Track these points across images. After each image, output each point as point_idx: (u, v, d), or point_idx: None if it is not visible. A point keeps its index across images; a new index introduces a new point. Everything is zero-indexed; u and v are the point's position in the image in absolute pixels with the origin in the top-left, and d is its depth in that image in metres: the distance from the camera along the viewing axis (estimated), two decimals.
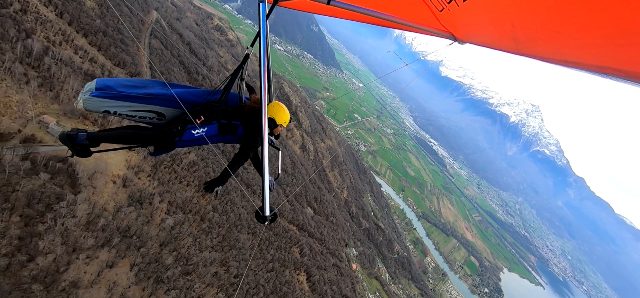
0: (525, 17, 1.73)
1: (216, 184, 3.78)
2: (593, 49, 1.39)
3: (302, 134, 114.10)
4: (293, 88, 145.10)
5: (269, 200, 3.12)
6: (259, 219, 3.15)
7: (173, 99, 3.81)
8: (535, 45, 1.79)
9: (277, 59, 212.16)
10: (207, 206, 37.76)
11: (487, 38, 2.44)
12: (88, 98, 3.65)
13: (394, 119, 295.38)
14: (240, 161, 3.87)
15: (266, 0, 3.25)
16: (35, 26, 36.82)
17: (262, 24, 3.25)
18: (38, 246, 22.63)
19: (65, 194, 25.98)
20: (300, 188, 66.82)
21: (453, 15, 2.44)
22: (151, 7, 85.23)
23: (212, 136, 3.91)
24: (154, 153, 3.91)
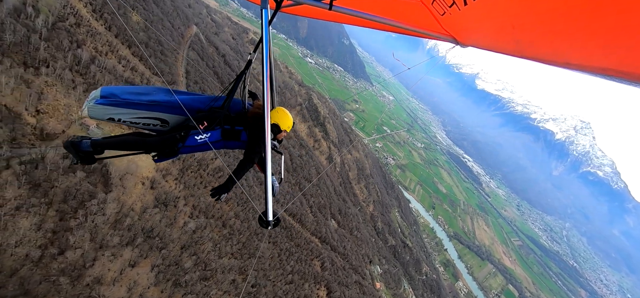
0: (527, 20, 1.71)
1: (222, 192, 3.72)
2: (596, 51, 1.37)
3: (329, 145, 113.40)
4: (322, 100, 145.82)
5: (271, 205, 3.14)
6: (262, 224, 3.21)
7: (176, 106, 3.84)
8: (537, 47, 1.76)
9: (307, 71, 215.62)
10: (229, 212, 37.93)
11: (489, 41, 2.42)
12: (93, 106, 3.70)
13: (425, 133, 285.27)
14: (245, 168, 3.82)
15: (268, 7, 3.23)
16: (86, 38, 40.28)
17: (265, 30, 3.25)
18: (68, 241, 23.72)
19: (97, 192, 27.26)
20: (298, 197, 65.56)
21: (454, 18, 2.42)
22: (191, 22, 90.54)
23: (216, 142, 3.92)
24: (158, 159, 3.91)
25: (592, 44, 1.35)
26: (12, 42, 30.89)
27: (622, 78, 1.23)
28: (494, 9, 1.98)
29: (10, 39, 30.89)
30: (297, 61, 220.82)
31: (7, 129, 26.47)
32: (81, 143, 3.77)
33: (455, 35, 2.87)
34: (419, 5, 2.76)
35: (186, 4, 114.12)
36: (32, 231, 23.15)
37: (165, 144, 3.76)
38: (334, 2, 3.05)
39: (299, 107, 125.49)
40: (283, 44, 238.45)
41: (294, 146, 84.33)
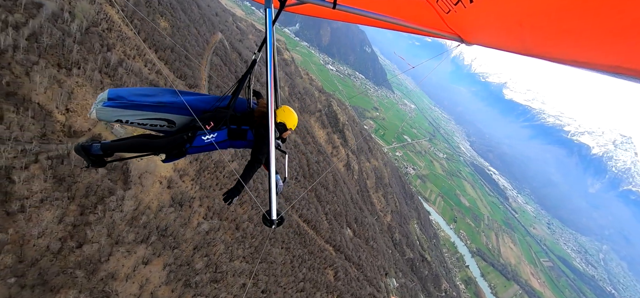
0: (534, 17, 1.71)
1: (233, 195, 3.73)
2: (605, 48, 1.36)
3: (347, 153, 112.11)
4: (341, 106, 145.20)
5: (275, 204, 3.11)
6: (266, 223, 3.20)
7: (183, 107, 3.86)
8: (544, 45, 1.76)
9: (328, 78, 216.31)
10: (243, 215, 37.88)
11: (495, 39, 2.41)
12: (101, 108, 3.72)
13: (447, 143, 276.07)
14: (253, 168, 3.85)
15: (272, 6, 3.19)
16: (115, 42, 42.32)
17: (268, 29, 3.24)
18: (87, 235, 24.39)
19: (117, 189, 28.02)
20: (304, 194, 64.37)
21: (460, 16, 2.42)
22: (217, 29, 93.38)
23: (222, 142, 3.96)
24: (166, 160, 3.98)
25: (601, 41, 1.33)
26: (48, 44, 32.87)
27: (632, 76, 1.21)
28: (500, 7, 1.95)
29: (47, 41, 32.89)
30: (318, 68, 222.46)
31: (39, 126, 27.95)
32: (91, 146, 3.86)
33: (460, 34, 2.82)
34: (424, 4, 2.74)
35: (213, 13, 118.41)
36: (54, 223, 24.02)
37: (173, 145, 3.81)
38: (338, 1, 3.00)
39: (319, 113, 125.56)
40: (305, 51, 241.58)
41: (311, 152, 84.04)
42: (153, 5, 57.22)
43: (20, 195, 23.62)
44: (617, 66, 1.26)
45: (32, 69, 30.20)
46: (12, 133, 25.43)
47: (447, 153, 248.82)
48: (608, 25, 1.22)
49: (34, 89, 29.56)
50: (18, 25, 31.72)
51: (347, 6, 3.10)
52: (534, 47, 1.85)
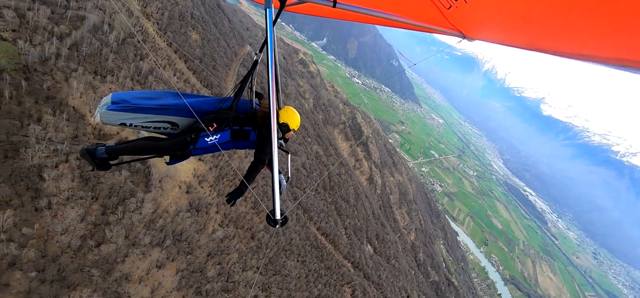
0: (536, 11, 1.69)
1: (237, 196, 3.73)
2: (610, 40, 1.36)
3: (370, 166, 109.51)
4: (366, 119, 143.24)
5: (279, 203, 3.16)
6: (270, 222, 3.22)
7: (186, 109, 3.88)
8: (547, 39, 1.74)
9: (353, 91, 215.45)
10: (259, 224, 37.32)
11: (497, 34, 2.41)
12: (105, 112, 3.73)
13: (478, 160, 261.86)
14: (257, 169, 3.86)
15: (272, 6, 3.20)
16: (149, 52, 44.65)
17: (269, 30, 3.26)
18: (105, 235, 24.92)
19: (137, 191, 28.64)
20: (315, 185, 62.12)
21: (461, 12, 2.42)
22: (246, 42, 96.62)
23: (225, 143, 3.96)
24: (170, 162, 3.97)
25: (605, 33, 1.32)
26: (87, 53, 35.22)
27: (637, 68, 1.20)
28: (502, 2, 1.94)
29: (87, 51, 35.25)
30: (344, 81, 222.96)
31: (72, 128, 29.55)
32: (96, 150, 3.83)
33: (462, 30, 2.84)
34: (425, 0, 2.74)
35: (244, 27, 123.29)
36: (77, 221, 24.82)
37: (177, 147, 3.82)
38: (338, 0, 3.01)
39: (342, 125, 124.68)
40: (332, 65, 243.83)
41: (332, 164, 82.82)
42: (186, 19, 60.25)
43: (48, 192, 24.79)
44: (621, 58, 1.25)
45: (71, 75, 32.35)
46: (47, 134, 27.02)
47: (478, 170, 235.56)
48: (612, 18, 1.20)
49: (71, 93, 31.55)
50: (62, 35, 34.38)
51: (348, 4, 3.08)
52: (536, 42, 1.83)
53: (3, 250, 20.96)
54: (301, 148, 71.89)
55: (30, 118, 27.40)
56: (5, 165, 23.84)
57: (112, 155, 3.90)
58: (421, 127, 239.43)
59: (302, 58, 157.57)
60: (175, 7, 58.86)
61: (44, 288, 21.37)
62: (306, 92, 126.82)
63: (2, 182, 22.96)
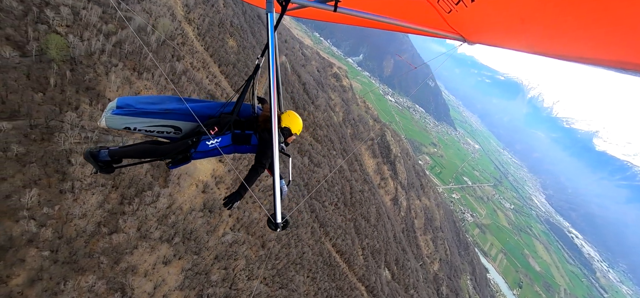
0: (536, 15, 1.70)
1: (235, 199, 3.71)
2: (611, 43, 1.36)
3: (396, 186, 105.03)
4: (395, 137, 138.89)
5: (280, 207, 3.18)
6: (271, 226, 3.29)
7: (188, 113, 3.92)
8: (548, 43, 1.76)
9: (385, 108, 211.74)
10: (271, 233, 36.25)
11: (498, 38, 2.41)
12: (110, 117, 3.78)
13: (516, 192, 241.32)
14: (257, 172, 3.83)
15: (273, 11, 3.17)
16: (185, 54, 46.68)
17: (270, 34, 3.24)
18: (118, 224, 25.30)
19: (155, 185, 29.04)
20: (306, 199, 58.81)
21: (461, 16, 2.43)
22: (282, 53, 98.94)
23: (226, 146, 3.95)
24: (172, 166, 3.91)
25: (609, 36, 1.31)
26: (129, 51, 37.40)
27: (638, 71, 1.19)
28: (503, 5, 1.95)
29: (128, 49, 37.46)
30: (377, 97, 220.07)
31: None
32: (99, 152, 3.90)
33: (462, 33, 2.85)
34: (425, 4, 2.78)
35: (283, 39, 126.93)
36: (95, 207, 25.52)
37: (178, 150, 3.83)
38: (339, 4, 3.02)
39: (371, 142, 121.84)
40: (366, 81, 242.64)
41: (356, 180, 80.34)
42: (225, 26, 62.77)
43: (74, 176, 25.86)
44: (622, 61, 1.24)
45: (111, 70, 34.37)
46: (81, 121, 28.54)
47: (516, 203, 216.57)
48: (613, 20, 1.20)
49: (109, 86, 33.41)
50: (109, 33, 36.93)
51: (349, 9, 3.09)
52: (537, 45, 1.81)
53: (24, 227, 21.88)
54: (324, 160, 70.64)
55: (69, 105, 29.21)
56: (40, 147, 25.33)
57: (115, 158, 3.94)
58: (455, 151, 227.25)
59: (335, 72, 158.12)
60: (216, 15, 61.67)
61: (54, 269, 21.89)
62: (336, 106, 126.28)
63: (34, 162, 24.31)
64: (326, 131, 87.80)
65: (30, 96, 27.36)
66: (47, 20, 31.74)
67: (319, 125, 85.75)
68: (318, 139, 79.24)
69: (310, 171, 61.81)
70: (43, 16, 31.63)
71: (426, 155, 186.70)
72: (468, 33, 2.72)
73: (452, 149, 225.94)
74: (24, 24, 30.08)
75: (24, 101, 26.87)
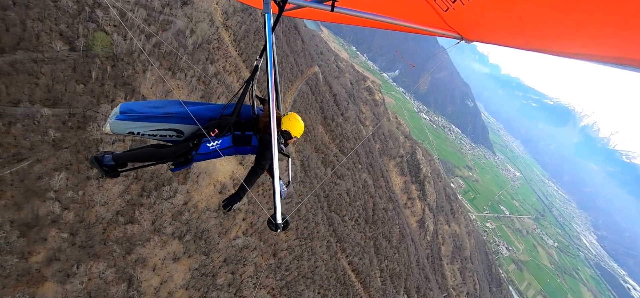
0: (534, 12, 1.71)
1: (234, 201, 3.71)
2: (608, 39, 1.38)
3: (423, 208, 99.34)
4: (426, 157, 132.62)
5: (280, 208, 3.20)
6: (271, 227, 3.30)
7: (189, 116, 3.94)
8: (545, 39, 1.77)
9: (419, 126, 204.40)
10: (284, 243, 35.16)
11: (495, 36, 2.41)
12: (113, 122, 3.84)
13: (562, 229, 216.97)
14: (256, 174, 3.88)
15: (271, 11, 3.20)
16: (219, 58, 48.23)
17: (268, 35, 3.27)
18: (134, 215, 25.76)
19: (174, 181, 29.45)
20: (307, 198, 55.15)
21: (458, 14, 2.45)
22: (315, 63, 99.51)
23: (227, 148, 3.99)
24: (174, 168, 4.02)
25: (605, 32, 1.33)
26: (166, 52, 39.31)
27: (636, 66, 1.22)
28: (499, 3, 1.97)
29: (166, 50, 39.38)
30: (410, 114, 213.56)
31: None
32: (104, 157, 3.98)
33: (460, 31, 2.87)
34: (422, 3, 2.78)
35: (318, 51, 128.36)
36: (116, 197, 26.30)
37: (179, 153, 3.89)
38: (336, 3, 3.02)
39: (400, 159, 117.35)
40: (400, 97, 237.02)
41: (381, 197, 77.01)
42: (261, 34, 64.46)
43: None
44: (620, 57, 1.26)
45: (148, 68, 36.22)
46: None
47: (560, 241, 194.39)
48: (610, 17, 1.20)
49: (144, 83, 35.08)
50: (150, 34, 39.23)
51: (345, 8, 3.08)
52: (534, 42, 1.82)
53: (50, 207, 22.96)
54: (348, 174, 68.64)
55: (106, 98, 30.95)
56: (74, 134, 26.86)
57: (119, 162, 4.01)
58: (492, 177, 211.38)
59: (369, 86, 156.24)
60: (253, 23, 63.61)
61: (71, 251, 22.60)
62: (367, 119, 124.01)
63: (67, 148, 25.74)
64: (353, 143, 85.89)
65: (73, 87, 29.40)
66: (97, 19, 34.35)
67: (347, 137, 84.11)
68: (344, 152, 77.54)
69: (333, 182, 60.20)
70: (93, 16, 34.30)
71: (459, 178, 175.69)
72: (465, 31, 2.73)
73: (489, 175, 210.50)
74: (76, 22, 32.76)
75: (67, 91, 28.91)
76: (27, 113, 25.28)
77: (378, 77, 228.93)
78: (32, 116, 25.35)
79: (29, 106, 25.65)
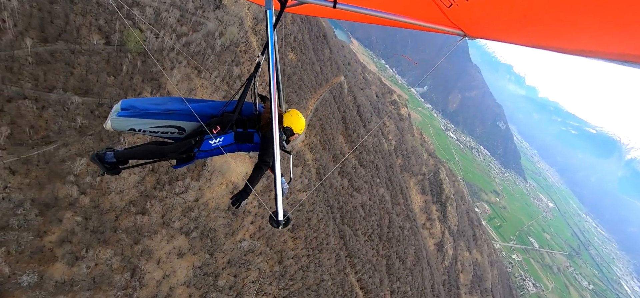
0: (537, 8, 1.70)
1: (241, 198, 3.67)
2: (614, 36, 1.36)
3: (443, 231, 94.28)
4: (450, 177, 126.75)
5: (282, 205, 3.19)
6: (273, 223, 3.26)
7: (191, 113, 3.92)
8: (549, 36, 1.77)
9: (445, 144, 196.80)
10: (291, 251, 34.21)
11: (498, 32, 2.40)
12: (115, 118, 3.82)
13: (599, 270, 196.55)
14: (261, 171, 3.83)
15: (273, 8, 3.17)
16: (245, 61, 49.04)
17: (270, 32, 3.25)
18: (146, 207, 26.07)
19: (188, 176, 29.68)
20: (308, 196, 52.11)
21: (462, 10, 2.43)
22: (342, 73, 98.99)
23: (229, 145, 3.99)
24: (176, 166, 4.03)
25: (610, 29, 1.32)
26: (195, 51, 40.48)
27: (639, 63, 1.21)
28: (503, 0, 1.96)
29: (195, 49, 40.57)
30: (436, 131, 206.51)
31: None
32: (105, 154, 3.96)
33: (463, 28, 2.85)
34: None
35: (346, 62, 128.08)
36: (131, 186, 26.85)
37: (181, 150, 3.84)
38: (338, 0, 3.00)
39: (421, 176, 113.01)
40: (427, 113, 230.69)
41: (398, 214, 73.92)
42: (288, 41, 65.15)
43: None
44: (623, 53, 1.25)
45: (175, 66, 37.40)
46: None
47: (597, 284, 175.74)
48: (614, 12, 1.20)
49: (170, 80, 36.27)
50: (181, 34, 40.68)
51: (348, 5, 3.06)
52: (538, 39, 1.82)
53: (69, 190, 23.79)
54: (366, 186, 66.63)
55: (134, 91, 32.14)
56: (99, 123, 27.91)
57: (120, 159, 3.98)
58: (522, 205, 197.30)
59: (395, 99, 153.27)
60: (282, 30, 64.47)
61: (82, 235, 23.16)
62: (390, 133, 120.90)
63: (92, 135, 26.78)
64: (373, 156, 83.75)
65: (104, 79, 30.83)
66: (133, 17, 36.16)
67: (367, 149, 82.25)
68: (363, 164, 75.70)
69: (348, 194, 58.56)
70: (131, 13, 36.15)
71: (485, 203, 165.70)
72: (468, 28, 2.72)
73: (519, 203, 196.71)
74: (114, 18, 34.69)
75: (99, 81, 30.34)
76: (60, 99, 26.69)
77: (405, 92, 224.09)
78: (63, 102, 26.73)
79: (62, 93, 27.09)
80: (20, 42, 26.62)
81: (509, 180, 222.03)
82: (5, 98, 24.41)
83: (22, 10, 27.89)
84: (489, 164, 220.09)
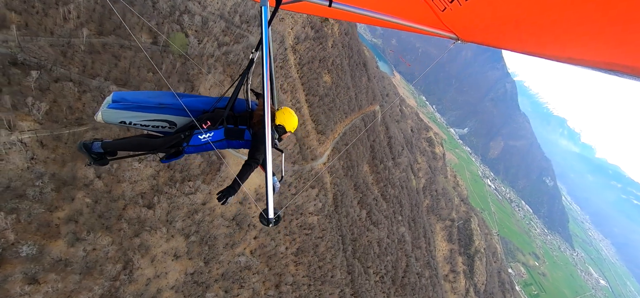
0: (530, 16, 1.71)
1: (228, 194, 3.56)
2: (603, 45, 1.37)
3: (468, 287, 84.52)
4: (483, 229, 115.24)
5: (272, 202, 3.15)
6: (263, 221, 3.24)
7: (182, 108, 3.87)
8: (540, 43, 1.78)
9: (481, 193, 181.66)
10: (291, 276, 31.82)
11: (491, 37, 2.39)
12: (106, 110, 3.73)
13: None
14: (250, 168, 3.75)
15: (268, 4, 3.14)
16: (279, 76, 49.60)
17: (264, 28, 3.20)
18: (152, 202, 25.86)
19: (199, 178, 29.32)
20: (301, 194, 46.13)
21: (455, 14, 2.44)
22: (377, 102, 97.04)
23: (219, 141, 3.89)
24: (164, 160, 3.92)
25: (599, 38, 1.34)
26: (232, 60, 41.69)
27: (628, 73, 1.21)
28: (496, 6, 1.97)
29: (232, 59, 41.81)
30: (473, 177, 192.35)
31: None
32: (92, 144, 3.84)
33: (456, 32, 2.85)
34: (420, 2, 2.77)
35: (385, 92, 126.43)
36: (145, 179, 27.01)
37: (170, 144, 3.75)
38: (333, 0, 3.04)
39: (450, 223, 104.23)
40: (464, 156, 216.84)
41: (417, 259, 67.56)
42: (326, 63, 65.32)
43: None
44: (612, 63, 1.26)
45: (211, 71, 38.62)
46: None
47: None
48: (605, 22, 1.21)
49: (203, 84, 37.31)
50: (223, 43, 42.33)
51: (343, 4, 3.08)
52: (529, 45, 1.82)
53: (86, 172, 24.42)
54: (385, 222, 62.17)
55: (168, 89, 33.44)
56: None
57: (108, 150, 3.89)
58: (566, 276, 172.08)
59: (430, 137, 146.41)
60: (321, 52, 65.06)
61: (89, 217, 23.33)
62: (420, 171, 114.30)
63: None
64: (398, 191, 78.90)
65: (144, 74, 32.48)
66: (182, 22, 38.40)
67: (392, 183, 77.82)
68: (386, 197, 71.41)
69: (365, 227, 54.84)
70: (180, 19, 38.47)
71: (521, 266, 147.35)
72: (462, 32, 2.73)
73: (562, 272, 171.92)
74: (165, 21, 37.06)
75: (139, 76, 31.99)
76: (99, 86, 28.30)
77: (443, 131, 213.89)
78: (101, 89, 28.28)
79: (102, 81, 28.76)
80: (78, 31, 29.11)
81: (553, 244, 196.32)
82: (53, 78, 26.37)
83: (87, 5, 30.69)
84: (530, 222, 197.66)
